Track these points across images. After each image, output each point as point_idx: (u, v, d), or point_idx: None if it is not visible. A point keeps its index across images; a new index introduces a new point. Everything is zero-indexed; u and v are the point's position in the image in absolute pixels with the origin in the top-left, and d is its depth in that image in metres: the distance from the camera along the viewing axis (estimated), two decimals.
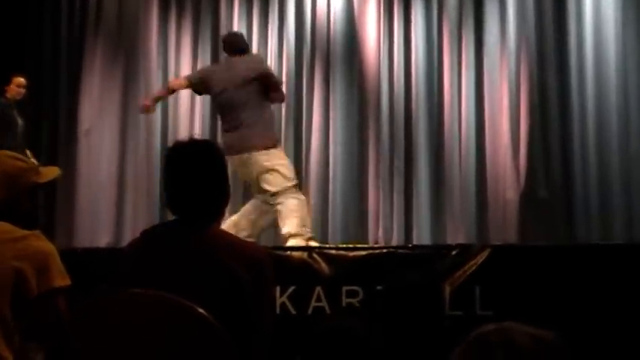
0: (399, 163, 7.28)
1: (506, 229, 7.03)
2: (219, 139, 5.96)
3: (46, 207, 7.34)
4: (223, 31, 7.61)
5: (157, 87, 7.65)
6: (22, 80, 6.96)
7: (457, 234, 7.02)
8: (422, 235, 7.07)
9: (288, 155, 7.38)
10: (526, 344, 1.45)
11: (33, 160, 6.80)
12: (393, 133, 7.35)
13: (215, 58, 7.68)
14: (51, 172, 2.78)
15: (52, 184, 7.30)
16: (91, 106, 7.67)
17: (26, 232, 2.50)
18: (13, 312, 2.39)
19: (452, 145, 7.25)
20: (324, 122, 7.47)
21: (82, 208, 7.50)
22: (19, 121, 6.94)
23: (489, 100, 7.29)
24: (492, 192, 7.17)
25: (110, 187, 7.54)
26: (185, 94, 7.64)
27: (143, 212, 7.41)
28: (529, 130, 7.15)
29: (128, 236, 7.18)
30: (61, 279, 2.46)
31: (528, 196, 7.04)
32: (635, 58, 7.11)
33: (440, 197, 7.22)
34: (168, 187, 2.50)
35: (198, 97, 7.59)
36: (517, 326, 1.49)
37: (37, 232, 2.51)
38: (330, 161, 7.39)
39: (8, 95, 6.90)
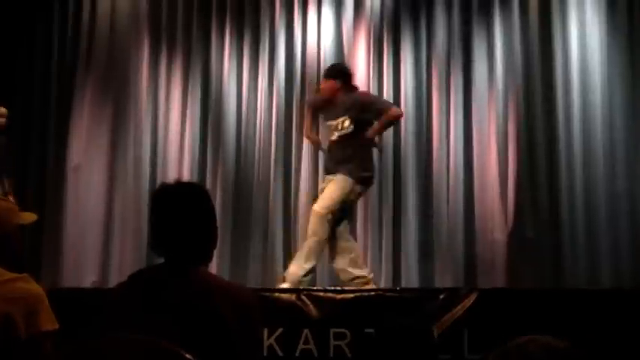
0: (387, 204, 7.28)
1: (494, 270, 7.03)
2: None
3: (33, 243, 7.29)
4: (214, 69, 7.68)
5: (146, 124, 7.65)
6: (3, 110, 6.50)
7: (445, 275, 7.01)
8: (410, 277, 7.05)
9: (275, 196, 7.42)
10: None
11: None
12: (382, 173, 7.36)
13: (205, 95, 7.69)
14: (30, 216, 2.78)
15: (39, 219, 7.25)
16: (79, 142, 7.64)
17: (15, 274, 2.49)
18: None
19: (440, 186, 7.26)
20: (313, 162, 7.48)
21: (69, 245, 7.42)
22: None
23: (478, 141, 7.33)
24: (480, 233, 7.18)
25: (97, 224, 7.48)
26: (175, 131, 7.64)
27: (130, 251, 7.34)
28: (517, 171, 7.19)
29: (114, 275, 7.14)
30: (50, 323, 2.45)
31: (516, 237, 7.06)
32: (620, 100, 7.19)
33: (428, 238, 7.21)
34: (155, 229, 2.48)
35: (187, 137, 7.61)
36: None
37: (25, 275, 2.49)
38: None
39: None
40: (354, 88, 6.18)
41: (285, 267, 7.24)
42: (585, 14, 7.36)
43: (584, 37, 7.32)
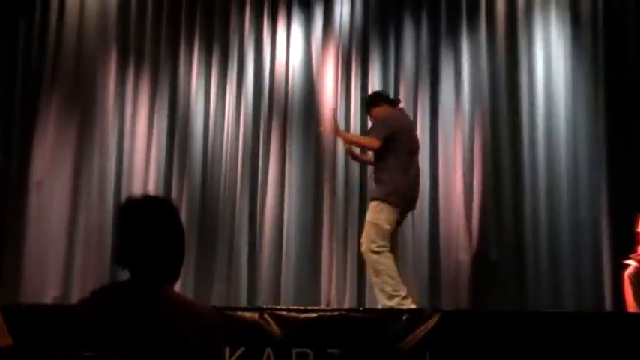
0: (353, 224, 7.29)
1: (458, 291, 7.06)
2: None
3: None
4: (181, 85, 7.66)
5: (112, 140, 7.60)
6: None
7: (410, 295, 7.02)
8: (374, 298, 7.03)
9: (241, 211, 7.38)
10: None
11: None
12: (349, 192, 7.38)
13: (172, 111, 7.66)
14: None
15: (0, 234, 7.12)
16: (43, 157, 7.56)
17: None
18: None
19: None
20: (280, 179, 7.48)
21: (31, 260, 7.32)
22: None
23: (443, 163, 7.37)
24: (445, 254, 7.21)
25: (60, 240, 7.39)
26: (141, 147, 7.59)
27: (93, 267, 7.26)
28: (482, 193, 7.24)
29: (76, 290, 7.06)
30: (3, 339, 2.41)
31: (480, 258, 7.10)
32: (584, 131, 7.28)
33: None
34: (121, 243, 2.45)
35: (153, 153, 7.57)
36: None
37: None
38: (284, 220, 7.37)
39: None
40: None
41: (250, 282, 7.23)
42: (550, 36, 7.45)
43: (549, 60, 7.41)
